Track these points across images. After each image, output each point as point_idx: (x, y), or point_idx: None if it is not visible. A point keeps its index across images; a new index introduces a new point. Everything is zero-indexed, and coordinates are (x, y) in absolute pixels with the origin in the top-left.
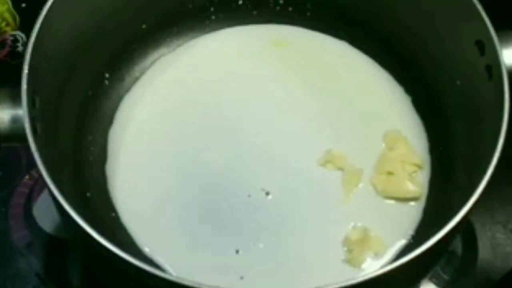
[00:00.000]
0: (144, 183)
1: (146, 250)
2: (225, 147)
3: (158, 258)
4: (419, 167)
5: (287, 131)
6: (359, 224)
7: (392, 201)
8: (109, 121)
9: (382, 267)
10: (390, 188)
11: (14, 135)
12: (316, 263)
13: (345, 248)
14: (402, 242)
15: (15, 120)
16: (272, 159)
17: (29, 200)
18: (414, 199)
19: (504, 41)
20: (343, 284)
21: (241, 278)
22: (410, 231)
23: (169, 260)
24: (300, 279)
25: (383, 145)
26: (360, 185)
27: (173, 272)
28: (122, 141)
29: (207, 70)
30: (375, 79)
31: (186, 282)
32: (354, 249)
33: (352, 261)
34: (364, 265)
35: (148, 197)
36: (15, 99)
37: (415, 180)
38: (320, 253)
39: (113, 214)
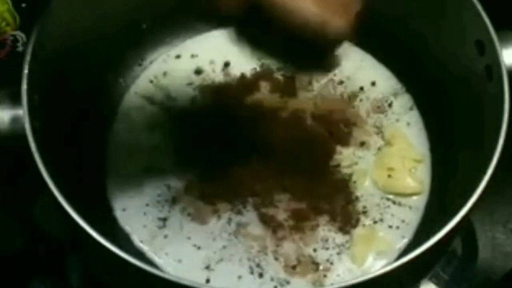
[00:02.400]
0: (144, 183)
1: (146, 250)
2: (225, 144)
3: (158, 258)
4: (419, 162)
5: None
6: (365, 223)
7: (393, 202)
8: (109, 121)
9: (382, 267)
10: (391, 184)
11: (14, 135)
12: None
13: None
14: (403, 242)
15: (15, 120)
16: (272, 158)
17: (29, 200)
18: (415, 194)
19: (504, 41)
20: (343, 284)
21: (239, 278)
22: (410, 231)
23: (168, 260)
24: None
25: (383, 142)
26: (366, 183)
27: (172, 272)
28: (122, 141)
29: (208, 70)
30: (376, 78)
31: (186, 282)
32: (357, 244)
33: (355, 257)
34: (366, 263)
35: (148, 197)
36: (15, 99)
37: (415, 175)
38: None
39: (113, 214)
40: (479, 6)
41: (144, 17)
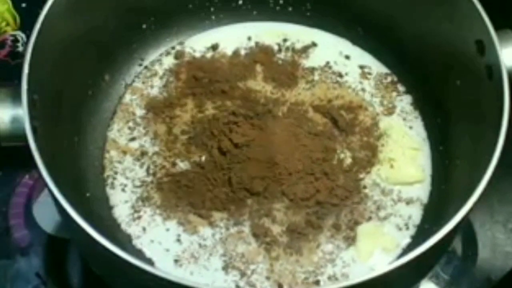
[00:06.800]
0: (145, 182)
1: (145, 250)
2: (224, 144)
3: (156, 258)
4: (417, 150)
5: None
6: (372, 219)
7: (397, 194)
8: (109, 121)
9: (378, 269)
10: (393, 175)
11: (14, 135)
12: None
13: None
14: (406, 239)
15: (15, 120)
16: (272, 156)
17: (29, 200)
18: (418, 181)
19: (504, 41)
20: (343, 284)
21: (243, 275)
22: (411, 231)
23: (167, 261)
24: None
25: (382, 135)
26: (369, 181)
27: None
28: (121, 141)
29: (207, 67)
30: (373, 73)
31: (186, 282)
32: (362, 240)
33: (360, 252)
34: (370, 259)
35: (149, 196)
36: (15, 99)
37: (416, 163)
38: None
39: (113, 214)
40: (479, 6)
41: (144, 18)
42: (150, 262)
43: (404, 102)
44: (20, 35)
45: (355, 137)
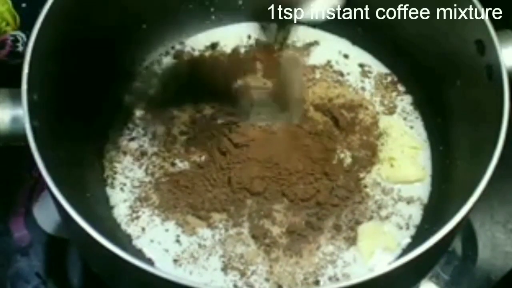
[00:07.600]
0: (144, 183)
1: (145, 250)
2: (223, 144)
3: (156, 258)
4: (417, 149)
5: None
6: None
7: (398, 193)
8: (109, 121)
9: (380, 269)
10: (394, 174)
11: (14, 135)
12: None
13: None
14: (407, 238)
15: (15, 120)
16: (272, 156)
17: (29, 200)
18: (418, 180)
19: (504, 41)
20: (343, 284)
21: (242, 276)
22: (411, 231)
23: (167, 261)
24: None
25: (382, 134)
26: (369, 180)
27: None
28: (121, 141)
29: (207, 66)
30: (372, 72)
31: (185, 282)
32: (364, 239)
33: (361, 252)
34: (371, 259)
35: (147, 196)
36: (15, 99)
37: (416, 162)
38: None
39: (113, 214)
40: (479, 6)
41: (144, 18)
42: (150, 262)
43: (405, 102)
44: (20, 35)
45: (355, 136)
